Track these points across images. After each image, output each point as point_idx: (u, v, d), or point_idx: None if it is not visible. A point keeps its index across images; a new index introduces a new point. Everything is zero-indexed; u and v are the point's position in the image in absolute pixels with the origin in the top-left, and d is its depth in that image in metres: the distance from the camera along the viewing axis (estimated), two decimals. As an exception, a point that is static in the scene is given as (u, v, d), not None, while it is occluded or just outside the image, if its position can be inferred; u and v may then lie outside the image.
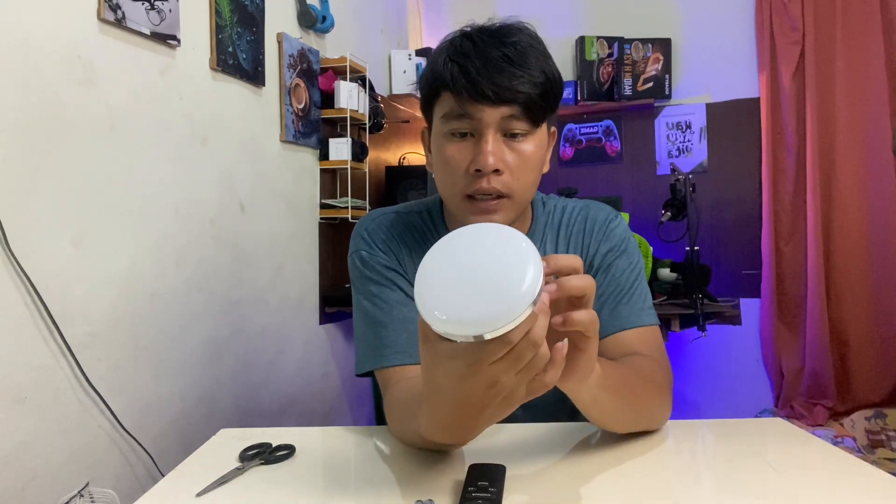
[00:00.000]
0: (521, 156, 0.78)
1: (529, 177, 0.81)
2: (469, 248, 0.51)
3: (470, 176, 0.78)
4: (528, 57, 0.75)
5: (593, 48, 3.14)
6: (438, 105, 0.81)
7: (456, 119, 0.77)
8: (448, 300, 0.49)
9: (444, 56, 0.78)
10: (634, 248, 0.93)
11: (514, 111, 0.76)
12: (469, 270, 0.49)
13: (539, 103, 0.77)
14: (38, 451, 1.21)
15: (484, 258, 0.50)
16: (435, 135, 0.83)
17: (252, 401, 1.89)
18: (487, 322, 0.47)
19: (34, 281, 1.19)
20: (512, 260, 0.49)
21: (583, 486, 0.67)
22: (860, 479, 0.67)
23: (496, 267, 0.49)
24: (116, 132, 1.40)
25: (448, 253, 0.52)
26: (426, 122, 0.87)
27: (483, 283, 0.48)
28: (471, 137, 0.78)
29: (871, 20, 2.77)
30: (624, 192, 3.13)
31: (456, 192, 0.80)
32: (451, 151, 0.79)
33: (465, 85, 0.74)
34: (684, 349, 3.03)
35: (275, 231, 2.03)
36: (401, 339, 0.84)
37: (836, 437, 2.58)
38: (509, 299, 0.47)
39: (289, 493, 0.67)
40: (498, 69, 0.74)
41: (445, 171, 0.81)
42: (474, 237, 0.52)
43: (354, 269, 0.91)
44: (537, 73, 0.75)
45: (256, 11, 1.89)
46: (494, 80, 0.74)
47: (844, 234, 2.84)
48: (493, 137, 0.77)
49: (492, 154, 0.76)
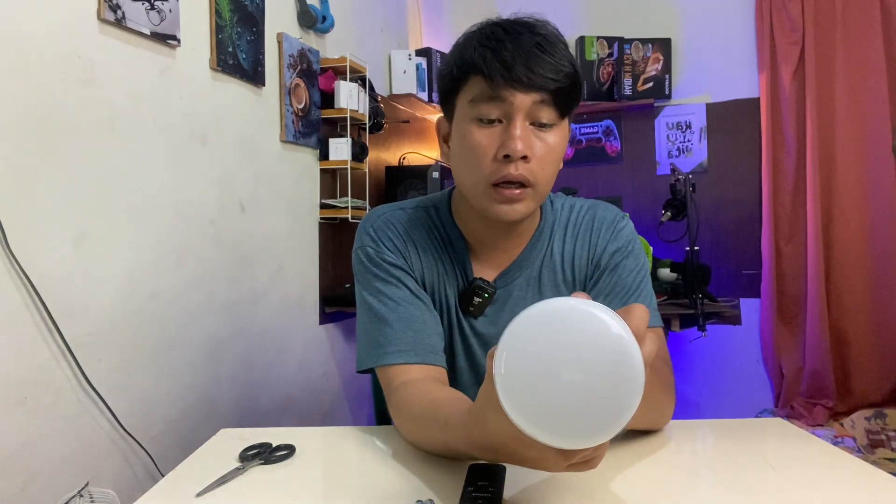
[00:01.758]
0: (547, 146, 0.78)
1: (552, 168, 0.81)
2: (572, 343, 0.43)
3: (497, 162, 0.77)
4: (558, 47, 0.76)
5: (593, 48, 3.14)
6: (465, 90, 0.79)
7: (486, 102, 0.76)
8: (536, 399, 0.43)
9: (474, 41, 0.77)
10: (640, 249, 0.93)
11: (544, 98, 0.75)
12: (571, 372, 0.42)
13: (568, 93, 0.77)
14: (38, 451, 1.21)
15: (590, 362, 0.43)
16: (459, 121, 0.81)
17: (252, 401, 1.89)
18: (576, 439, 0.43)
19: (34, 281, 1.19)
20: (618, 373, 0.42)
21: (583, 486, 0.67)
22: (860, 479, 0.67)
23: (599, 377, 0.42)
24: (116, 132, 1.40)
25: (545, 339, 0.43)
26: (445, 111, 0.86)
27: (583, 394, 0.42)
28: (499, 124, 0.78)
29: (871, 20, 2.77)
30: (624, 192, 3.13)
31: (481, 180, 0.79)
32: (478, 137, 0.78)
33: (500, 69, 0.74)
34: (684, 349, 3.03)
35: (275, 231, 2.03)
36: (405, 338, 0.83)
37: (836, 437, 2.58)
38: (608, 424, 0.43)
39: (289, 493, 0.67)
40: (532, 55, 0.74)
41: (471, 157, 0.79)
42: (580, 330, 0.43)
43: (359, 265, 0.90)
44: (566, 64, 0.76)
45: (256, 11, 1.89)
46: (529, 64, 0.73)
47: (844, 234, 2.84)
48: (523, 124, 0.76)
49: (521, 139, 0.75)
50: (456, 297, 0.90)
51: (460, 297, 0.90)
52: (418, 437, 0.76)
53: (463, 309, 0.90)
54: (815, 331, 2.83)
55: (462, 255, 0.90)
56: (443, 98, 0.85)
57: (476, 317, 0.90)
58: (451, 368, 0.91)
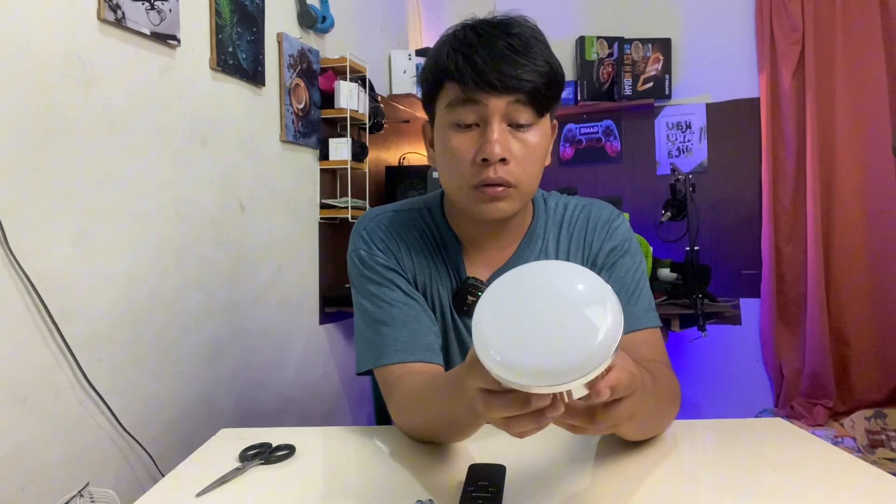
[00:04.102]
0: (527, 146, 0.78)
1: (534, 167, 0.81)
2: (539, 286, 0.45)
3: (477, 166, 0.78)
4: (532, 47, 0.76)
5: (593, 48, 3.14)
6: (442, 96, 0.80)
7: (461, 106, 0.77)
8: (507, 340, 0.43)
9: (447, 47, 0.78)
10: (637, 248, 0.92)
11: (519, 98, 0.75)
12: (536, 312, 0.43)
13: (544, 92, 0.77)
14: (38, 451, 1.21)
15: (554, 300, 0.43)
16: (439, 126, 0.82)
17: (252, 401, 1.89)
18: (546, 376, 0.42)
19: (34, 281, 1.19)
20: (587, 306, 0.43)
21: (583, 485, 0.67)
22: (860, 479, 0.67)
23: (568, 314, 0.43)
24: (116, 132, 1.40)
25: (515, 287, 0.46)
26: (428, 116, 0.87)
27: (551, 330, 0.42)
28: (476, 128, 0.78)
29: (871, 20, 2.77)
30: (624, 192, 3.13)
31: (462, 184, 0.80)
32: (456, 142, 0.79)
33: (472, 74, 0.74)
34: (684, 349, 3.03)
35: (275, 231, 2.03)
36: (400, 338, 0.84)
37: (836, 437, 2.58)
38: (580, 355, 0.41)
39: (289, 493, 0.67)
40: (503, 58, 0.74)
41: (451, 162, 0.80)
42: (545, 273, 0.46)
43: (353, 268, 0.91)
44: (542, 63, 0.76)
45: (256, 11, 1.89)
46: (500, 68, 0.73)
47: (844, 234, 2.84)
48: (499, 126, 0.76)
49: (498, 143, 0.76)
50: (450, 297, 0.90)
51: (454, 296, 0.90)
52: (414, 420, 0.78)
53: (457, 308, 0.90)
54: (815, 331, 2.83)
55: (455, 255, 0.90)
56: (424, 103, 0.86)
57: (470, 316, 0.90)
58: (448, 368, 0.91)
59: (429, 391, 0.73)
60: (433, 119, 0.85)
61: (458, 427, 0.72)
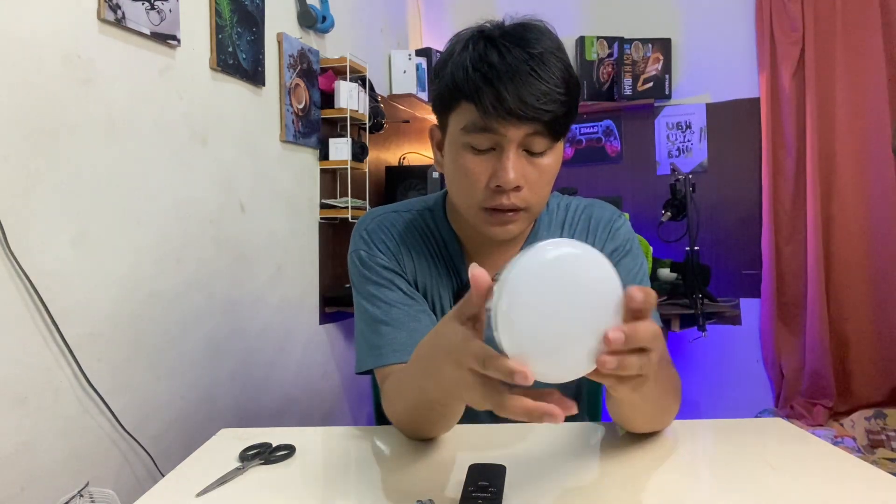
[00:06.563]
0: (541, 170, 0.77)
1: (546, 189, 0.80)
2: (562, 281, 0.48)
3: (490, 190, 0.76)
4: (553, 68, 0.72)
5: (593, 48, 3.14)
6: (457, 114, 0.77)
7: (478, 133, 0.74)
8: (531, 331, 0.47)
9: (466, 62, 0.74)
10: (639, 249, 0.92)
11: (538, 128, 0.73)
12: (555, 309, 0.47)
13: (562, 121, 0.75)
14: (38, 451, 1.21)
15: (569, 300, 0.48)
16: (451, 142, 0.80)
17: (252, 401, 1.89)
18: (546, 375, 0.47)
19: (34, 281, 1.19)
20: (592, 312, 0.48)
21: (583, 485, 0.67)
22: (860, 479, 0.67)
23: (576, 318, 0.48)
24: (116, 132, 1.40)
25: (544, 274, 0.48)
26: (439, 123, 0.84)
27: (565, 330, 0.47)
28: (491, 151, 0.76)
29: (871, 20, 2.77)
30: (624, 192, 3.13)
31: (473, 204, 0.79)
32: (470, 165, 0.77)
33: (492, 101, 0.71)
34: (684, 349, 3.03)
35: (275, 231, 2.03)
36: (400, 338, 0.84)
37: (836, 437, 2.58)
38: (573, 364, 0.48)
39: (289, 493, 0.67)
40: (525, 84, 0.70)
41: (463, 181, 0.78)
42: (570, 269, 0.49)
43: (354, 268, 0.91)
44: (563, 88, 0.73)
45: (256, 11, 1.89)
46: (522, 96, 0.70)
47: (844, 234, 2.84)
48: (515, 154, 0.75)
49: (513, 170, 0.74)
50: (451, 299, 0.90)
51: (455, 298, 0.90)
52: (398, 407, 0.77)
53: None
54: (815, 331, 2.83)
55: (456, 257, 0.90)
56: (435, 109, 0.83)
57: None
58: None
59: (407, 375, 0.73)
60: (444, 127, 0.82)
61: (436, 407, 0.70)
